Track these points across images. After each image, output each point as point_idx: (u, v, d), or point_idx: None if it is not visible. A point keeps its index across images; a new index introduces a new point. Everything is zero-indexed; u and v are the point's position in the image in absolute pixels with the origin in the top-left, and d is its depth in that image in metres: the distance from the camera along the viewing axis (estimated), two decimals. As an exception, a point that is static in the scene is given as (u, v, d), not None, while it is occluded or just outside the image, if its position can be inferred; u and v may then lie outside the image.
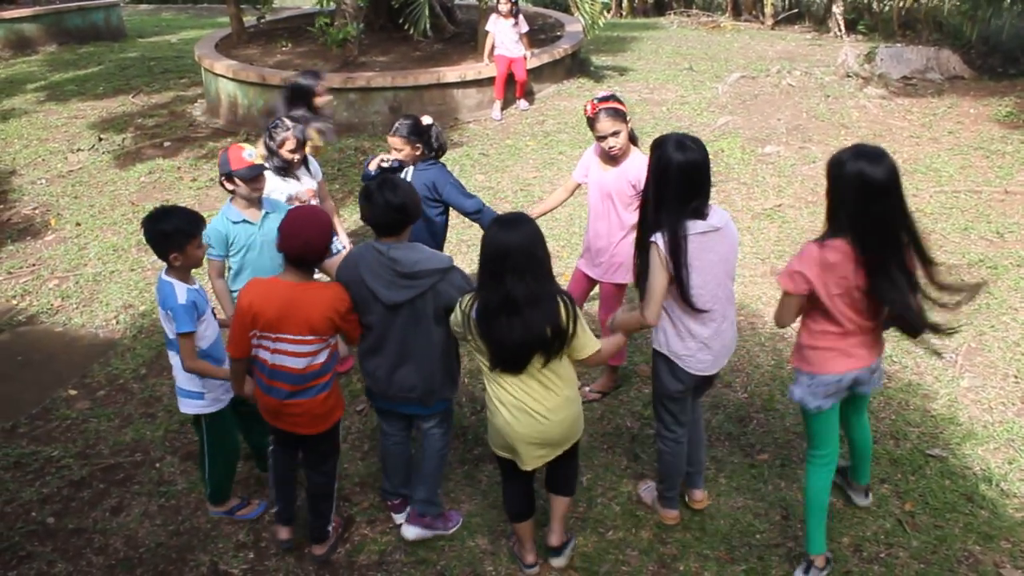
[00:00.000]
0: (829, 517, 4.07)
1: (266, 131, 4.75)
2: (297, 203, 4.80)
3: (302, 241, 3.45)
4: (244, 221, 4.35)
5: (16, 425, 5.07)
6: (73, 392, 5.37)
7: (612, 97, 4.43)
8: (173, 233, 3.67)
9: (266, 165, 4.44)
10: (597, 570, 3.87)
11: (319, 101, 5.48)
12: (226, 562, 4.02)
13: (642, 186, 4.35)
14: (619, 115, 4.35)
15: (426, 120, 4.80)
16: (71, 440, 4.91)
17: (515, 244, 3.17)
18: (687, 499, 4.14)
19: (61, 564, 4.05)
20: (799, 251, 3.46)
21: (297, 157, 4.79)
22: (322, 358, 3.60)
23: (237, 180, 4.25)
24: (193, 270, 3.89)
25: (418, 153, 4.75)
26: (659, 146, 3.43)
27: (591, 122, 4.39)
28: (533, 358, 3.27)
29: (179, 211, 3.81)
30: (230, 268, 4.50)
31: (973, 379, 5.11)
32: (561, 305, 3.25)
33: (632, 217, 4.54)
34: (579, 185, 4.80)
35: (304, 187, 4.91)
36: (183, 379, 3.91)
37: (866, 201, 3.22)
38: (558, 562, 3.85)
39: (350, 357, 5.37)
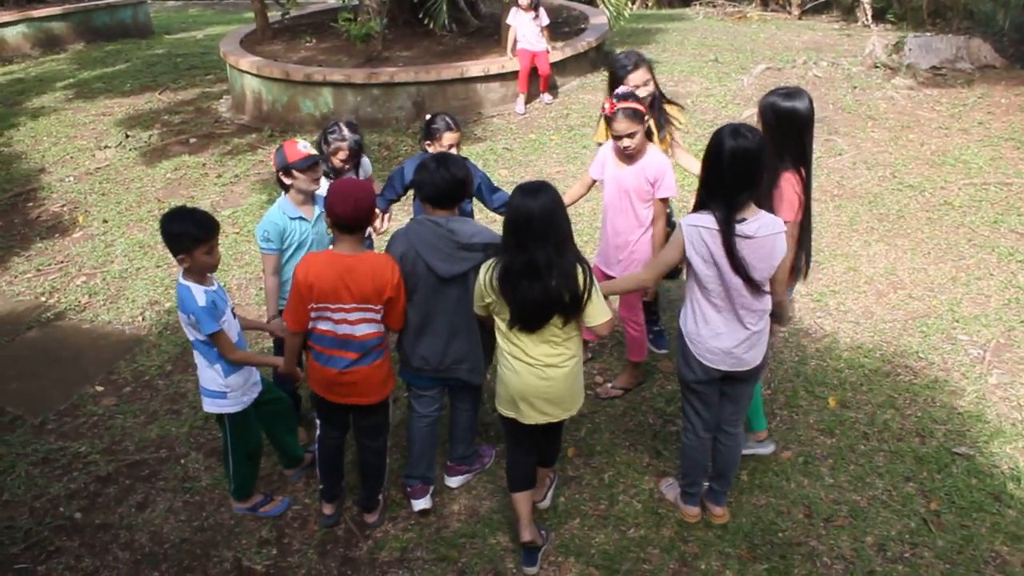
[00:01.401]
0: (852, 516, 4.07)
1: (323, 132, 4.68)
2: None
3: (352, 205, 3.56)
4: (301, 218, 4.31)
5: (44, 421, 5.14)
6: (100, 388, 5.44)
7: (631, 96, 4.40)
8: (181, 235, 3.64)
9: (319, 155, 4.41)
10: (618, 568, 3.86)
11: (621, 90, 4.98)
12: (249, 558, 4.06)
13: (661, 183, 4.43)
14: (637, 116, 4.32)
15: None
16: (98, 436, 4.98)
17: (537, 210, 3.30)
18: (706, 512, 4.11)
19: (88, 559, 4.11)
20: (780, 187, 3.77)
21: (347, 166, 4.72)
22: (380, 327, 3.75)
23: (295, 172, 4.23)
24: (210, 272, 3.88)
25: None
26: (716, 133, 3.43)
27: (608, 120, 4.37)
28: (551, 320, 3.43)
29: (193, 214, 3.75)
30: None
31: (1001, 376, 5.04)
32: (579, 271, 3.39)
33: (650, 213, 4.53)
34: (595, 181, 4.77)
35: None
36: (206, 379, 3.94)
37: (808, 132, 3.80)
38: (543, 504, 4.20)
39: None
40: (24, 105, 11.67)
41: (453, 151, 4.67)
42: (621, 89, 4.49)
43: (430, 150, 4.65)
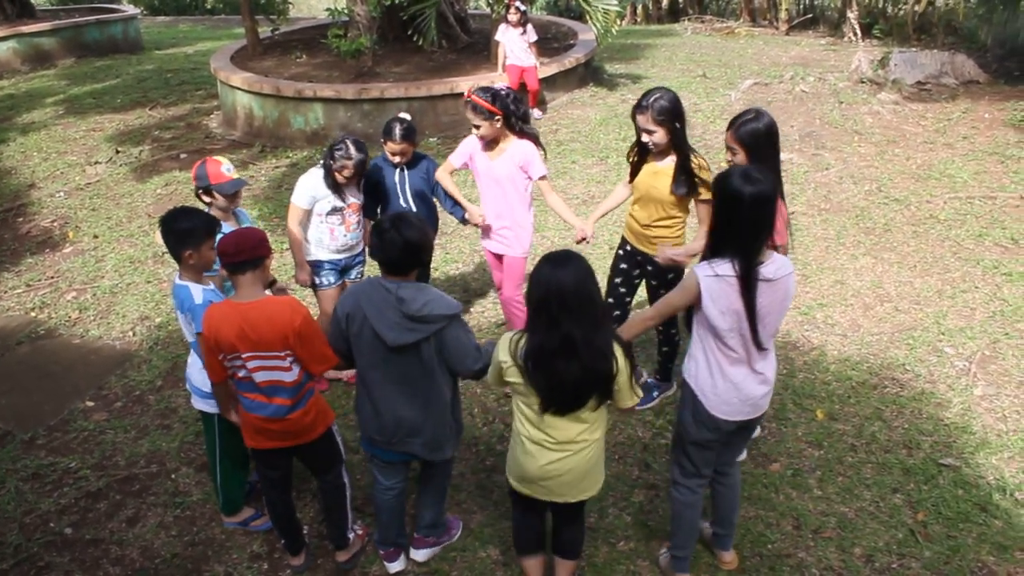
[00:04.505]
0: (841, 528, 4.10)
1: (330, 148, 4.72)
2: (347, 212, 4.90)
3: (233, 244, 3.44)
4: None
5: (35, 436, 5.13)
6: (90, 403, 5.44)
7: (487, 91, 4.70)
8: (192, 230, 3.73)
9: (244, 180, 4.46)
10: (608, 581, 3.88)
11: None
12: (240, 573, 4.05)
13: (530, 167, 4.84)
14: (480, 112, 4.70)
15: (407, 116, 5.08)
16: (88, 451, 4.97)
17: (570, 282, 3.03)
18: (716, 560, 3.96)
19: (79, 574, 4.10)
20: (779, 210, 3.75)
21: (350, 183, 4.81)
22: (293, 375, 3.56)
23: (216, 194, 4.28)
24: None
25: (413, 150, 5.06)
26: (724, 179, 3.23)
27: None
28: (586, 402, 3.17)
29: (195, 210, 3.89)
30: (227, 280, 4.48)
31: (987, 387, 5.09)
32: (618, 350, 3.15)
33: (526, 195, 5.03)
34: (456, 169, 5.16)
35: (349, 201, 4.91)
36: (199, 379, 3.95)
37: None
38: None
39: None
40: (14, 121, 11.68)
41: (396, 159, 4.92)
42: (499, 84, 4.90)
43: (384, 149, 4.95)
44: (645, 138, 4.38)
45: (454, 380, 3.66)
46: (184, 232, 3.73)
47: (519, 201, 4.99)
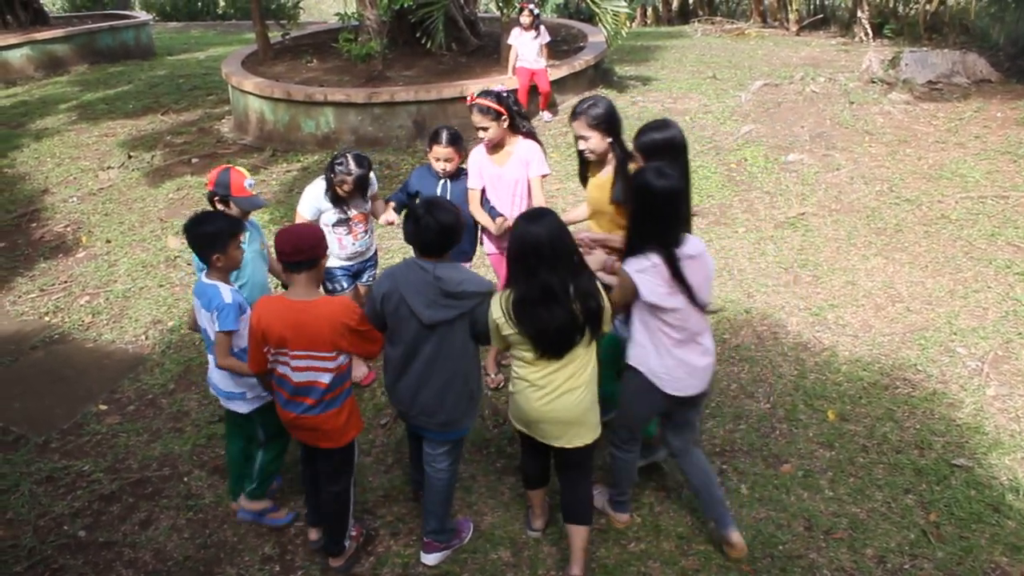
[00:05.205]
0: (852, 529, 4.08)
1: (331, 161, 4.73)
2: (352, 223, 4.91)
3: (292, 242, 3.51)
4: None
5: (48, 440, 5.17)
6: (103, 407, 5.47)
7: (489, 93, 4.73)
8: (217, 234, 3.76)
9: (264, 201, 4.46)
10: (619, 582, 3.88)
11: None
12: (252, 575, 4.07)
13: (532, 163, 4.82)
14: (487, 113, 4.72)
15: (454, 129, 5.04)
16: (101, 454, 5.00)
17: (545, 236, 3.32)
18: (725, 547, 3.95)
19: (92, 577, 4.14)
20: None
21: (350, 196, 4.80)
22: (331, 375, 3.64)
23: (232, 205, 4.28)
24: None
25: (460, 160, 4.98)
26: (638, 176, 3.57)
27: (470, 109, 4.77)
28: (576, 341, 3.44)
29: (219, 214, 3.92)
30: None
31: (999, 387, 5.06)
32: (597, 287, 3.45)
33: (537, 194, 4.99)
34: (482, 192, 5.01)
35: (353, 212, 4.92)
36: (227, 384, 3.97)
37: None
38: None
39: (372, 371, 5.43)
40: (28, 127, 11.78)
41: (441, 165, 4.85)
42: (497, 86, 4.92)
43: (429, 157, 4.88)
44: (581, 145, 4.32)
45: (476, 350, 3.80)
46: (210, 236, 3.77)
47: (530, 202, 4.97)
